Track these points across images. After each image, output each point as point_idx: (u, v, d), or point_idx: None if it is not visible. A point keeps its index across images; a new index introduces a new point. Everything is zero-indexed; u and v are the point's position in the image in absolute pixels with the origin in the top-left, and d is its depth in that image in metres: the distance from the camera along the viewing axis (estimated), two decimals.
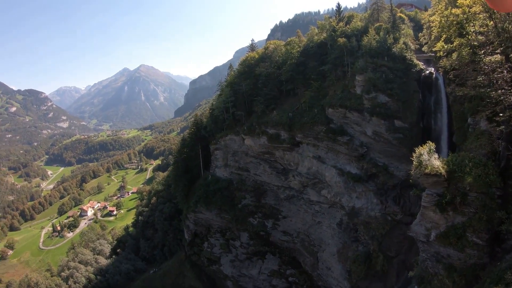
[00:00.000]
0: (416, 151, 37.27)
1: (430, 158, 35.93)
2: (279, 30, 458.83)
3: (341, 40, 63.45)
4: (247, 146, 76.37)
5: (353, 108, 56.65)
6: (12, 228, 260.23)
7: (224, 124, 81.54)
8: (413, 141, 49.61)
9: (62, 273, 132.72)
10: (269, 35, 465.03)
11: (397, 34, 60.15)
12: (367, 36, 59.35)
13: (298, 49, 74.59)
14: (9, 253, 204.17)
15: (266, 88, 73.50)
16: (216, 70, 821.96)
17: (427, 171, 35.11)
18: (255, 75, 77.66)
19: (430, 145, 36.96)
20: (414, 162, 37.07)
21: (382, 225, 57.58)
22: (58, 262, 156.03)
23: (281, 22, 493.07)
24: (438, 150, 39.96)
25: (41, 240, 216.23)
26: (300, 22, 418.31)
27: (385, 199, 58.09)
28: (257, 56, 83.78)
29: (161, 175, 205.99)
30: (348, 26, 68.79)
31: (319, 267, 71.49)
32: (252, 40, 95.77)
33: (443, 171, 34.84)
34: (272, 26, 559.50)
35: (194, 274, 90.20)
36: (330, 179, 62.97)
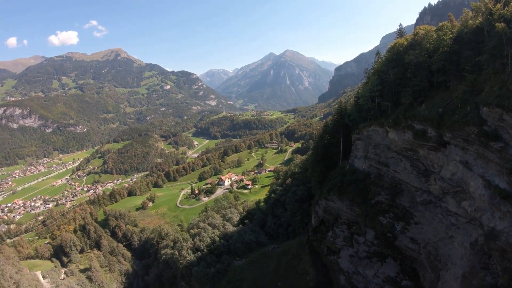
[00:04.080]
0: None
1: None
2: (429, 14, 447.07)
3: (499, 25, 57.12)
4: (390, 140, 75.70)
5: (511, 110, 50.99)
6: (156, 185, 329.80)
7: (369, 114, 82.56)
8: None
9: (191, 230, 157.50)
10: (417, 20, 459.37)
11: None
12: None
13: (451, 35, 70.14)
14: (149, 205, 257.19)
15: (415, 79, 72.04)
16: (362, 56, 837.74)
17: None
18: (404, 63, 75.90)
19: None
20: None
21: None
22: (189, 220, 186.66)
23: (430, 4, 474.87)
24: None
25: (179, 199, 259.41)
26: (452, 4, 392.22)
27: None
28: (405, 43, 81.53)
29: (299, 158, 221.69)
30: (506, 8, 60.92)
31: (438, 287, 67.53)
32: (400, 25, 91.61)
33: None
34: (420, 10, 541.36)
35: (310, 259, 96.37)
36: (474, 190, 58.52)
